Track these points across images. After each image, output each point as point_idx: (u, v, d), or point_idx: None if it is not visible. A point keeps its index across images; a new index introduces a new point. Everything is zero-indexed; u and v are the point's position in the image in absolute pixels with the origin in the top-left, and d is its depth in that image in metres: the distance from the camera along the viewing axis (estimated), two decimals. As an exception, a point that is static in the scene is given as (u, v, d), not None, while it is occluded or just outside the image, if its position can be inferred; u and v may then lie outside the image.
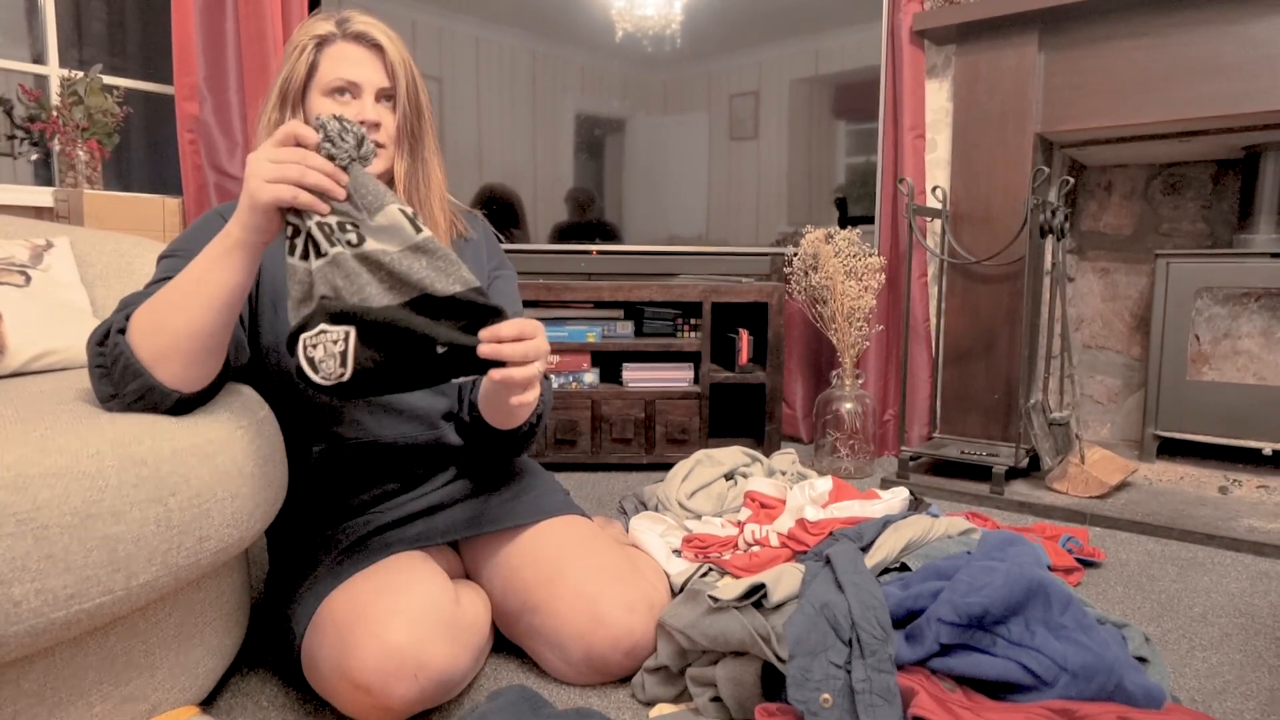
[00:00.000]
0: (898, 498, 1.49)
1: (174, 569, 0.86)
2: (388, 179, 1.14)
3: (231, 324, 0.90)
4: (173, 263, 1.02)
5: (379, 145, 1.09)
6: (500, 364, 0.87)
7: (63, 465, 0.76)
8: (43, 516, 0.73)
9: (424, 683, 0.94)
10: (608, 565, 1.14)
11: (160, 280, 0.99)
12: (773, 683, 1.00)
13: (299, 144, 0.85)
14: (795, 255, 2.38)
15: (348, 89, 1.08)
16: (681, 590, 1.22)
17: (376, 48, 1.09)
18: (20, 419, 0.79)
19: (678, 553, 1.39)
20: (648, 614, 1.10)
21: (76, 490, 0.76)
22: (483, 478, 1.26)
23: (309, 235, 0.85)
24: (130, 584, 0.81)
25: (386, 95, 1.11)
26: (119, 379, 0.87)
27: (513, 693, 0.99)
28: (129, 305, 0.92)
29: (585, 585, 1.10)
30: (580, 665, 1.09)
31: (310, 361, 0.85)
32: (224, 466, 0.91)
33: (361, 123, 1.05)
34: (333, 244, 0.85)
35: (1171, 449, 2.40)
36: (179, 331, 0.86)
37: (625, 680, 1.12)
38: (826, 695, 0.90)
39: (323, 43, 1.08)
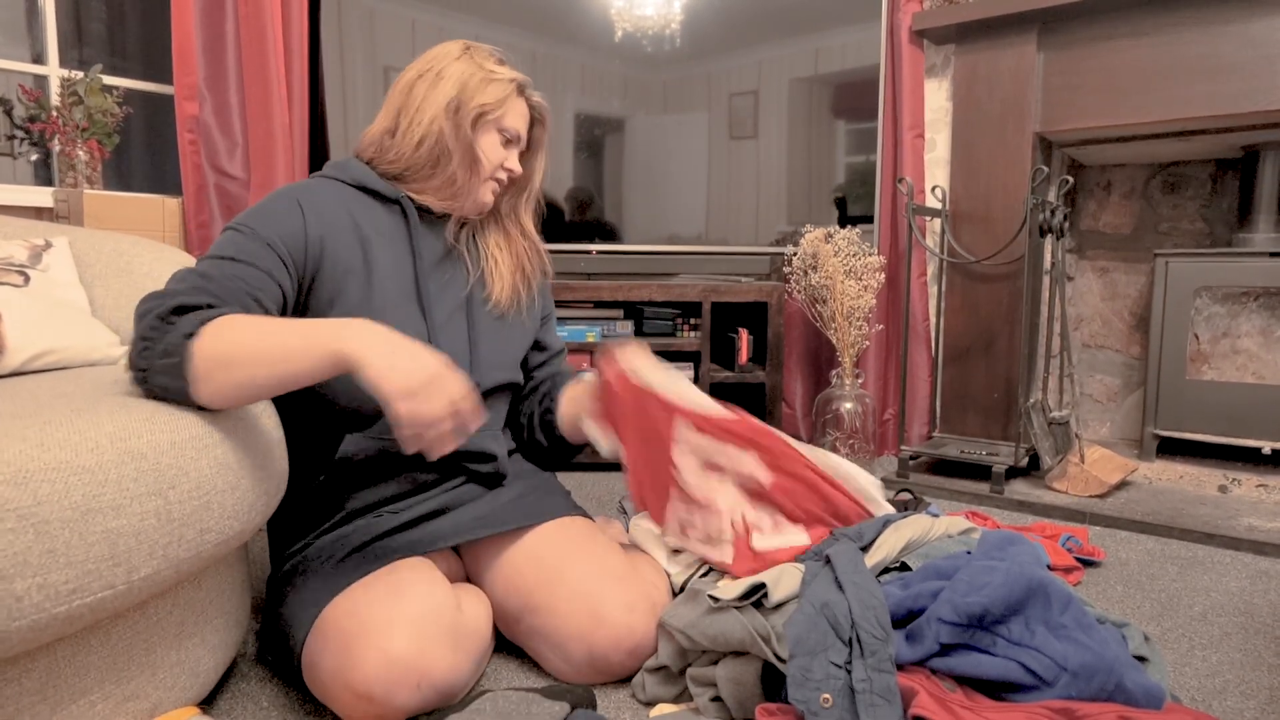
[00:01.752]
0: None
1: (175, 562, 0.86)
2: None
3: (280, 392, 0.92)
4: (242, 242, 1.03)
5: (501, 184, 1.24)
6: None
7: (62, 460, 0.76)
8: (43, 511, 0.73)
9: (426, 691, 0.94)
10: (608, 565, 1.14)
11: (225, 258, 1.00)
12: (773, 682, 1.00)
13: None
14: (795, 255, 2.38)
15: (514, 140, 1.23)
16: (682, 590, 1.22)
17: (539, 123, 1.28)
18: (19, 415, 0.79)
19: (678, 552, 1.39)
20: (649, 613, 1.10)
21: (76, 485, 0.76)
22: (488, 480, 1.26)
23: None
24: (131, 578, 0.81)
25: (523, 157, 1.28)
26: (158, 365, 0.89)
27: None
28: (185, 310, 0.92)
29: (586, 585, 1.10)
30: (581, 665, 1.09)
31: None
32: (223, 458, 0.91)
33: (508, 170, 1.23)
34: None
35: (1171, 448, 2.40)
36: (239, 381, 0.88)
37: (626, 680, 1.12)
38: (827, 695, 0.90)
39: (518, 90, 1.22)
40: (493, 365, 1.26)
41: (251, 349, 0.87)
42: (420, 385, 0.85)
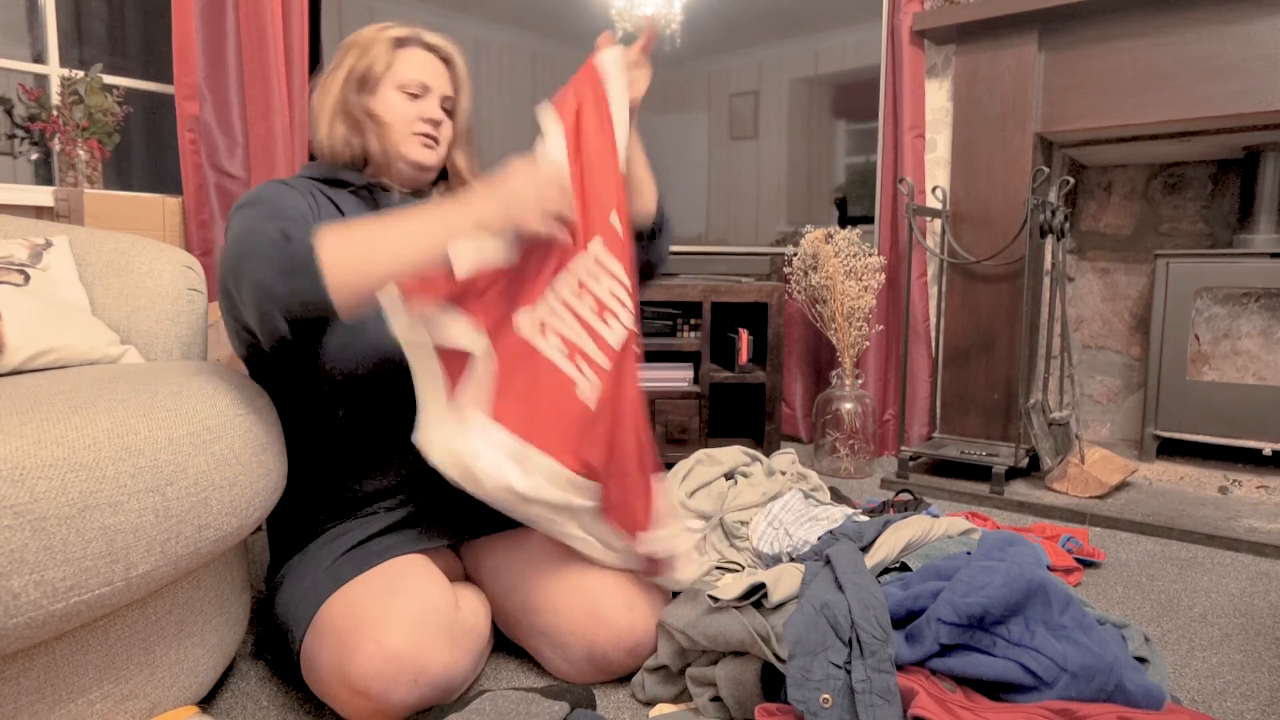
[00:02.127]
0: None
1: (173, 558, 0.86)
2: (445, 172, 1.29)
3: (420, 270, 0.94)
4: (270, 207, 1.06)
5: (434, 140, 1.21)
6: None
7: (60, 456, 0.76)
8: (40, 508, 0.73)
9: (424, 687, 0.94)
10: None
11: (273, 217, 1.02)
12: (772, 682, 1.00)
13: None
14: (795, 255, 2.38)
15: (419, 92, 1.20)
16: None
17: (447, 61, 1.23)
18: (16, 411, 0.79)
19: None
20: (649, 612, 1.10)
21: (74, 481, 0.76)
22: None
23: None
24: (129, 574, 0.81)
25: (447, 105, 1.23)
26: (284, 275, 0.90)
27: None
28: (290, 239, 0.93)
29: (586, 583, 1.10)
30: (582, 663, 1.09)
31: None
32: (221, 454, 0.91)
33: (428, 119, 1.19)
34: None
35: (1171, 449, 2.40)
36: (372, 271, 0.92)
37: (626, 679, 1.12)
38: (826, 695, 0.90)
39: (400, 44, 1.20)
40: None
41: (383, 248, 0.93)
42: (513, 197, 0.96)
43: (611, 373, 1.05)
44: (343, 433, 1.13)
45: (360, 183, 1.21)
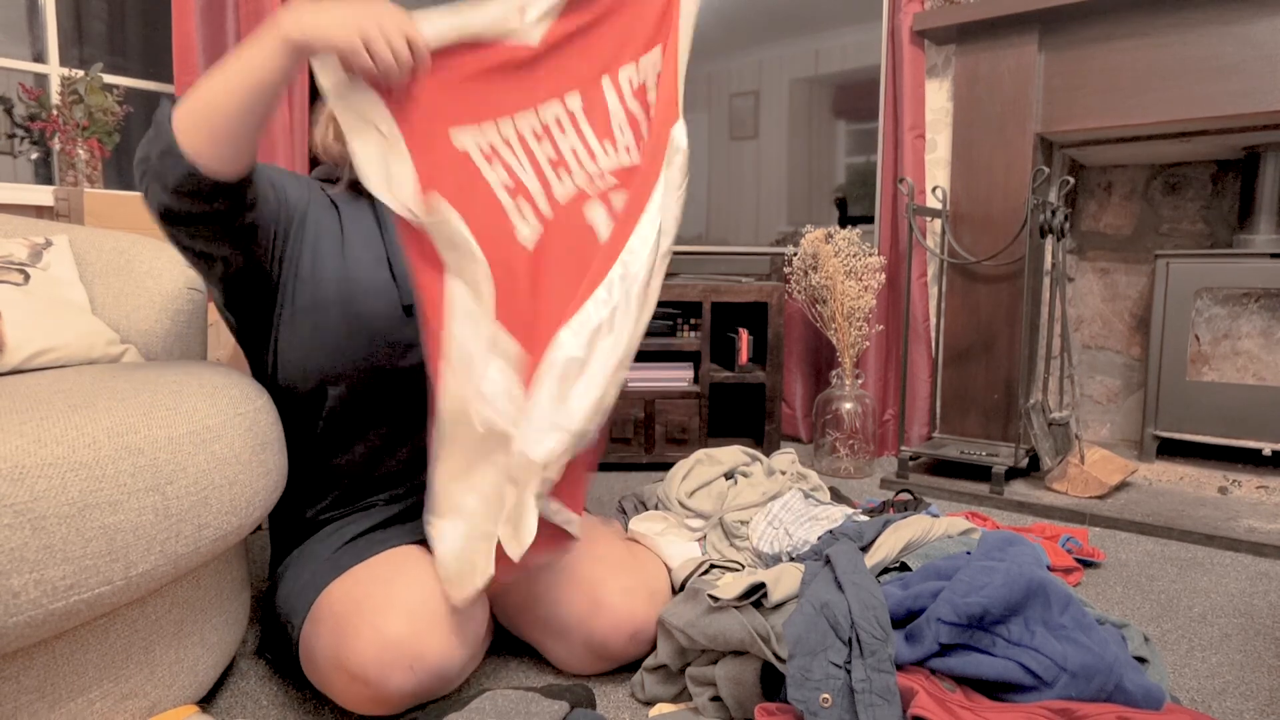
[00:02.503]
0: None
1: (173, 558, 0.86)
2: None
3: (261, 115, 0.90)
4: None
5: None
6: None
7: (59, 455, 0.76)
8: (40, 507, 0.73)
9: (420, 674, 0.94)
10: (607, 555, 1.15)
11: None
12: (772, 682, 1.00)
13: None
14: (795, 255, 2.38)
15: None
16: (682, 588, 1.22)
17: None
18: (16, 410, 0.79)
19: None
20: (648, 599, 1.11)
21: (74, 480, 0.76)
22: None
23: None
24: (129, 573, 0.81)
25: None
26: (151, 142, 0.89)
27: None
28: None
29: (585, 572, 1.11)
30: (581, 652, 1.09)
31: None
32: (221, 453, 0.91)
33: None
34: None
35: (1171, 449, 2.40)
36: (220, 110, 0.88)
37: (627, 674, 1.12)
38: (826, 695, 0.90)
39: None
40: None
41: (216, 84, 0.88)
42: (353, 12, 0.87)
43: (554, 224, 1.00)
44: (334, 431, 1.13)
45: (351, 179, 1.20)
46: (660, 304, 2.44)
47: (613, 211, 1.04)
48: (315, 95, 2.21)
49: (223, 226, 0.96)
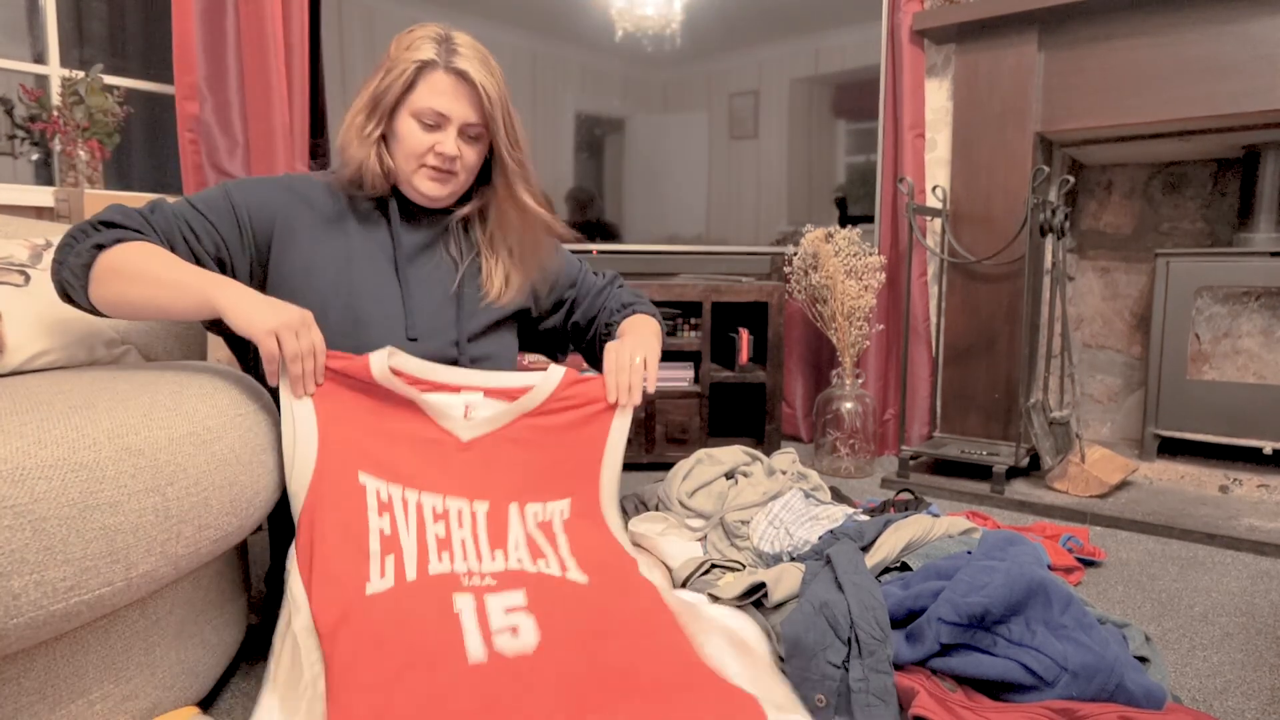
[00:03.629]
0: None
1: (173, 558, 0.86)
2: (458, 209, 1.24)
3: (160, 320, 0.99)
4: (212, 196, 1.12)
5: (451, 174, 1.16)
6: None
7: (60, 456, 0.76)
8: (41, 508, 0.73)
9: None
10: None
11: (189, 202, 1.10)
12: (773, 681, 1.00)
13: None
14: (795, 254, 2.38)
15: (437, 121, 1.12)
16: (683, 587, 1.22)
17: (472, 84, 1.12)
18: (17, 412, 0.79)
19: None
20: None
21: (74, 481, 0.76)
22: None
23: None
24: (130, 574, 0.81)
25: (472, 133, 1.16)
26: (71, 262, 0.99)
27: None
28: (114, 226, 1.03)
29: None
30: None
31: None
32: (221, 454, 0.91)
33: (439, 154, 1.13)
34: None
35: (1172, 448, 2.40)
36: (124, 293, 0.97)
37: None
38: (821, 695, 0.90)
39: (424, 68, 1.11)
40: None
41: (144, 270, 0.96)
42: (280, 325, 0.94)
43: (414, 588, 0.95)
44: None
45: (375, 194, 1.19)
46: (661, 304, 2.44)
47: (483, 612, 0.95)
48: (316, 95, 2.21)
49: None
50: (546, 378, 1.14)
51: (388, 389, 1.05)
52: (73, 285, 0.99)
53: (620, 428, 1.17)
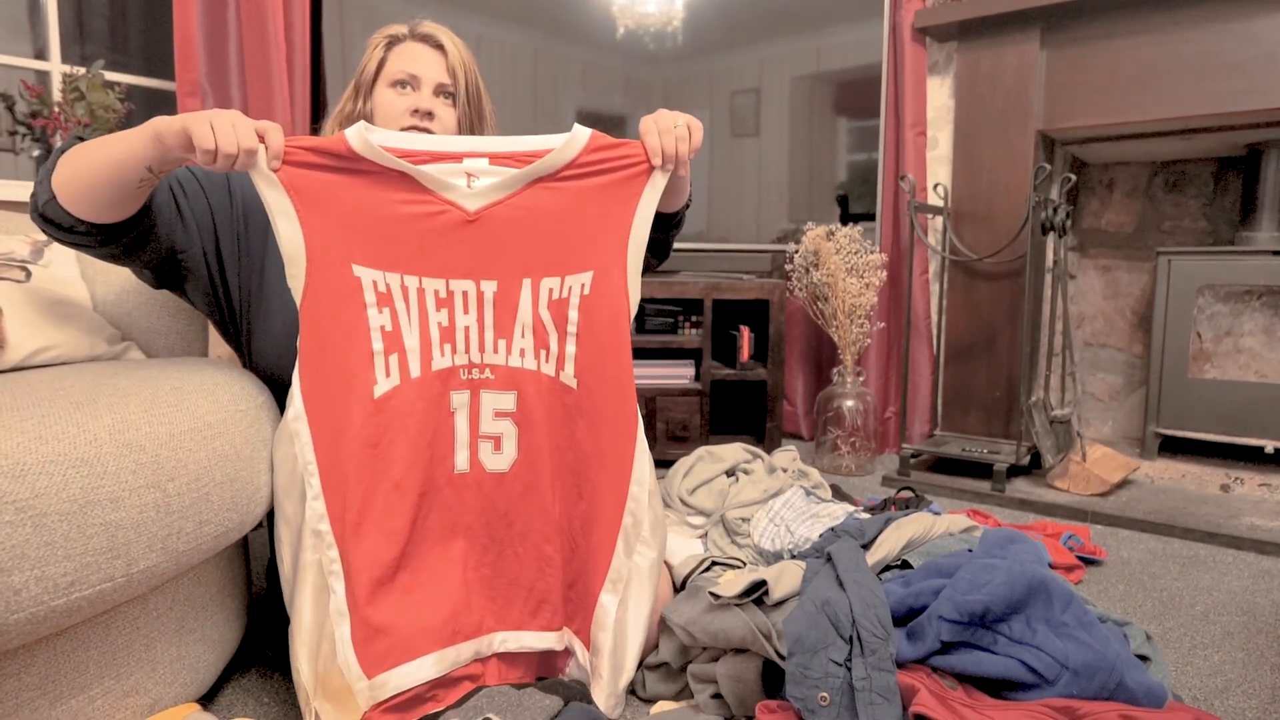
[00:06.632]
0: None
1: (174, 554, 0.86)
2: None
3: (123, 186, 0.93)
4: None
5: (426, 131, 1.17)
6: None
7: (61, 452, 0.76)
8: (42, 504, 0.73)
9: None
10: None
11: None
12: (774, 680, 1.00)
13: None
14: (796, 252, 2.38)
15: (409, 81, 1.18)
16: (683, 586, 1.22)
17: (439, 48, 1.20)
18: (18, 407, 0.79)
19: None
20: None
21: (75, 477, 0.76)
22: None
23: None
24: (130, 570, 0.81)
25: (446, 92, 1.20)
26: (40, 180, 0.96)
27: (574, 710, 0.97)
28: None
29: None
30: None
31: None
32: (222, 450, 0.91)
33: (416, 111, 1.16)
34: None
35: (1173, 447, 2.40)
36: (86, 162, 0.93)
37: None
38: (824, 693, 0.90)
39: (393, 42, 1.20)
40: None
41: (96, 146, 0.94)
42: (213, 113, 0.89)
43: (419, 384, 0.96)
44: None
45: None
46: (662, 301, 2.44)
47: (475, 412, 1.00)
48: (318, 91, 2.21)
49: (100, 252, 1.00)
50: (571, 139, 1.00)
51: (374, 163, 0.93)
52: (40, 197, 0.95)
53: (650, 198, 1.04)
